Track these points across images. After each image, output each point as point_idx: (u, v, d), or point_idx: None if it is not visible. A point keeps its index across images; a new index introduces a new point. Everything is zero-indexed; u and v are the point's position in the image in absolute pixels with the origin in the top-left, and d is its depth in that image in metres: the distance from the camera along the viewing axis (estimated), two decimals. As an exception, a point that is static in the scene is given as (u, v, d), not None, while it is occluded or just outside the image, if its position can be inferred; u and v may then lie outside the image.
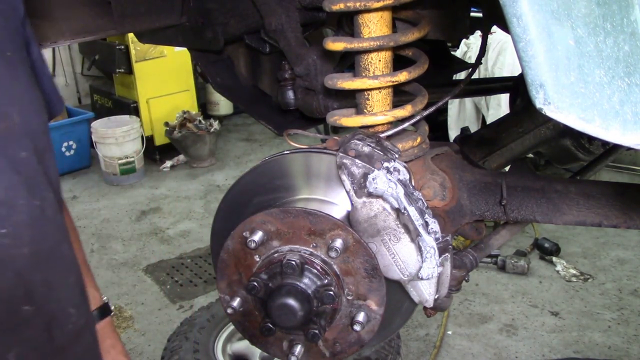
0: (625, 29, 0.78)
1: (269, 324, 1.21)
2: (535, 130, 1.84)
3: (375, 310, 1.20)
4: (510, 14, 0.76)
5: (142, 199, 6.42)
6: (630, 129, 0.78)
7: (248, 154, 7.58)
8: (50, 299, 0.95)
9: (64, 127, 6.97)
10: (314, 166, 1.26)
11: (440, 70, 2.06)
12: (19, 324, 0.91)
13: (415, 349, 3.82)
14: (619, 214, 1.33)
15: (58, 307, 0.97)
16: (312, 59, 1.53)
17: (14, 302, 0.90)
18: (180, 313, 4.30)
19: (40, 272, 0.92)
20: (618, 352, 3.73)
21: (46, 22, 1.54)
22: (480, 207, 1.43)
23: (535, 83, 0.77)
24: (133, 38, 6.62)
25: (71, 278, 1.00)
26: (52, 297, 0.96)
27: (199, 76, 2.27)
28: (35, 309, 0.92)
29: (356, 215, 1.17)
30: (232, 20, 1.68)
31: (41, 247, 0.91)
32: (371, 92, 1.27)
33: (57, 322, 0.97)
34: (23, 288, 0.90)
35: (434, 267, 1.14)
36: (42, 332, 0.95)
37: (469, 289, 4.40)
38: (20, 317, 0.91)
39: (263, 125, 1.90)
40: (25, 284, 0.90)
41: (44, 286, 0.93)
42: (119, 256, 5.18)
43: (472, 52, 5.26)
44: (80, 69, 9.24)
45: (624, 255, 4.78)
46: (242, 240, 1.21)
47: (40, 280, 0.92)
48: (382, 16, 1.19)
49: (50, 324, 0.96)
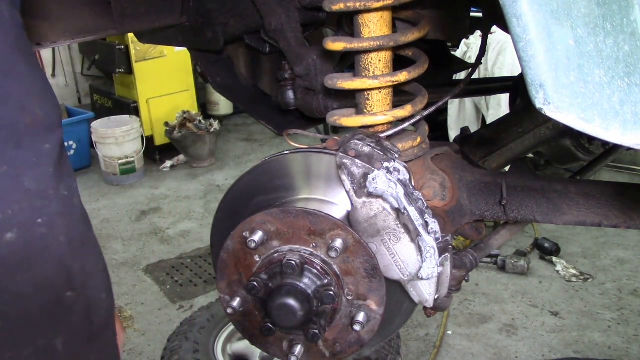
0: (625, 29, 0.78)
1: (269, 324, 1.21)
2: (535, 130, 1.83)
3: (375, 310, 1.20)
4: (510, 14, 0.76)
5: (142, 199, 6.42)
6: (630, 129, 0.78)
7: (248, 154, 7.58)
8: (88, 285, 0.99)
9: (64, 127, 6.89)
10: (314, 166, 1.26)
11: (440, 70, 2.06)
12: (64, 310, 0.95)
13: (415, 349, 3.82)
14: (619, 214, 1.33)
15: (93, 293, 1.01)
16: (312, 59, 1.53)
17: (59, 288, 0.93)
18: (180, 313, 4.30)
19: (76, 259, 0.96)
20: (618, 352, 3.73)
21: (46, 22, 1.54)
22: (480, 207, 1.43)
23: (535, 83, 0.77)
24: (133, 38, 6.62)
25: (100, 264, 1.04)
26: (89, 283, 0.99)
27: (199, 76, 2.28)
28: (77, 295, 0.96)
29: (356, 215, 1.17)
30: (232, 20, 1.68)
31: (74, 235, 0.95)
32: (371, 92, 1.27)
33: (94, 308, 1.00)
34: (65, 274, 0.94)
35: (434, 267, 1.14)
36: (84, 318, 0.98)
37: (469, 289, 4.40)
38: (64, 303, 0.94)
39: (263, 125, 1.90)
40: (66, 271, 0.94)
41: (81, 272, 0.97)
42: (119, 256, 5.18)
43: (472, 52, 5.26)
44: (80, 69, 9.24)
45: (624, 255, 4.78)
46: (242, 240, 1.21)
47: (78, 266, 0.96)
48: (382, 16, 1.19)
49: (89, 309, 0.99)
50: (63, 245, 0.92)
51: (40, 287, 0.90)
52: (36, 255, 0.89)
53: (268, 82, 1.92)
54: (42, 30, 1.54)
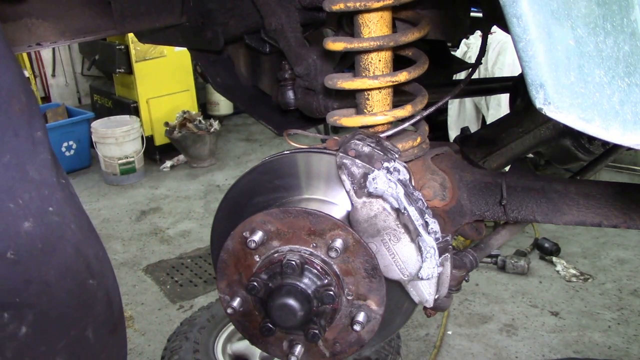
0: (625, 29, 0.78)
1: (269, 324, 1.21)
2: (535, 130, 1.83)
3: (375, 310, 1.20)
4: (510, 14, 0.76)
5: (142, 199, 6.42)
6: (630, 129, 0.78)
7: (248, 154, 7.58)
8: (104, 273, 0.97)
9: (64, 127, 6.98)
10: (314, 166, 1.26)
11: (440, 70, 2.06)
12: (88, 299, 0.93)
13: (415, 349, 3.82)
14: (619, 214, 1.33)
15: (109, 281, 0.99)
16: (312, 59, 1.53)
17: (81, 276, 0.91)
18: (180, 313, 4.30)
19: (90, 247, 0.94)
20: (618, 352, 3.73)
21: (46, 22, 1.54)
22: (480, 207, 1.43)
23: (535, 83, 0.77)
24: (133, 38, 6.63)
25: (105, 253, 1.02)
26: (104, 271, 0.97)
27: (199, 76, 2.27)
28: (97, 282, 0.94)
29: (356, 215, 1.17)
30: (232, 20, 1.68)
31: (82, 223, 0.94)
32: (371, 92, 1.27)
33: (112, 297, 0.99)
34: (84, 262, 0.92)
35: (434, 267, 1.14)
36: (107, 307, 0.96)
37: (469, 289, 4.40)
38: (89, 292, 0.93)
39: (263, 125, 1.90)
40: (84, 258, 0.92)
41: (96, 260, 0.95)
42: (119, 256, 5.18)
43: (472, 52, 5.26)
44: (80, 69, 9.25)
45: (624, 255, 4.78)
46: (242, 240, 1.21)
47: (93, 254, 0.94)
48: (382, 16, 1.19)
49: (110, 298, 0.97)
50: (76, 233, 0.91)
51: (65, 276, 0.88)
52: (55, 243, 0.87)
53: (268, 82, 1.92)
54: (42, 30, 1.54)
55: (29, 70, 7.99)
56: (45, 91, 9.14)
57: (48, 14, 1.55)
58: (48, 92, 9.17)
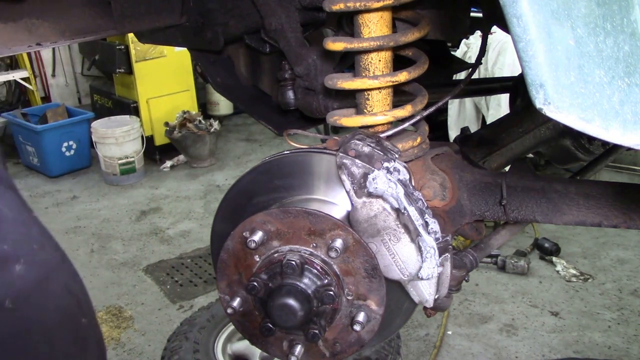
0: (625, 29, 0.78)
1: (269, 324, 1.21)
2: (535, 130, 1.83)
3: (375, 310, 1.20)
4: (510, 14, 0.76)
5: (142, 199, 6.42)
6: (630, 129, 0.78)
7: (248, 154, 7.58)
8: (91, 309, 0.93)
9: (64, 127, 6.98)
10: (314, 166, 1.26)
11: (440, 70, 2.06)
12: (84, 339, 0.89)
13: (415, 349, 3.82)
14: (619, 214, 1.33)
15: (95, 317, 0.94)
16: (312, 59, 1.53)
17: (75, 316, 0.87)
18: (180, 313, 4.30)
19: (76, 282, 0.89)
20: (618, 352, 3.73)
21: (46, 22, 1.54)
22: (480, 207, 1.43)
23: (535, 83, 0.77)
24: (133, 38, 6.63)
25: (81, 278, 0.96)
26: (91, 306, 0.93)
27: (199, 76, 2.27)
28: (88, 321, 0.90)
29: (356, 215, 1.17)
30: (232, 20, 1.68)
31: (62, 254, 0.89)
32: (371, 92, 1.27)
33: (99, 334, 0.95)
34: (74, 300, 0.87)
35: (434, 267, 1.14)
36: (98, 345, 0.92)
37: (469, 289, 4.40)
38: (83, 331, 0.89)
39: (263, 125, 1.90)
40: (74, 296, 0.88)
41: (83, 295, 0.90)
42: (119, 256, 5.18)
43: (472, 52, 5.26)
44: (80, 69, 9.25)
45: (624, 255, 4.78)
46: (242, 240, 1.21)
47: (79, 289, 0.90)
48: (382, 16, 1.19)
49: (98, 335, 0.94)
50: (63, 269, 0.87)
51: (62, 318, 0.85)
52: (47, 284, 0.83)
53: (268, 82, 1.92)
54: (42, 30, 1.53)
55: (29, 70, 7.98)
56: (45, 91, 9.15)
57: (48, 14, 1.54)
58: (48, 92, 9.17)
